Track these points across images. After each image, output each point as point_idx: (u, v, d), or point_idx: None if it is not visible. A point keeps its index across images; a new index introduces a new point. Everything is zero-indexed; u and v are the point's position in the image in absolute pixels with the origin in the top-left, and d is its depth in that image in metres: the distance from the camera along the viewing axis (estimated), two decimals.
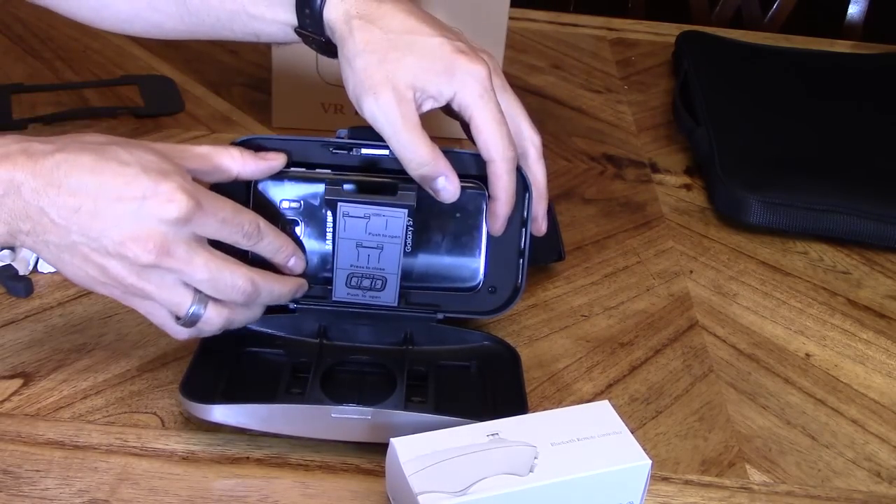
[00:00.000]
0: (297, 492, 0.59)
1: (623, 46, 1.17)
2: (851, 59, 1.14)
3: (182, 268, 0.58)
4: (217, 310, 0.61)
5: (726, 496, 0.62)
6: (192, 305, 0.59)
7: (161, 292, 0.59)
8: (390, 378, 0.64)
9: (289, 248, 0.65)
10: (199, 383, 0.61)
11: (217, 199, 0.60)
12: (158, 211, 0.57)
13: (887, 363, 0.74)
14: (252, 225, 0.61)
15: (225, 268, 0.60)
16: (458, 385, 0.65)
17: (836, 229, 0.85)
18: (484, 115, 0.63)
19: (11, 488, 0.57)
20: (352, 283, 0.66)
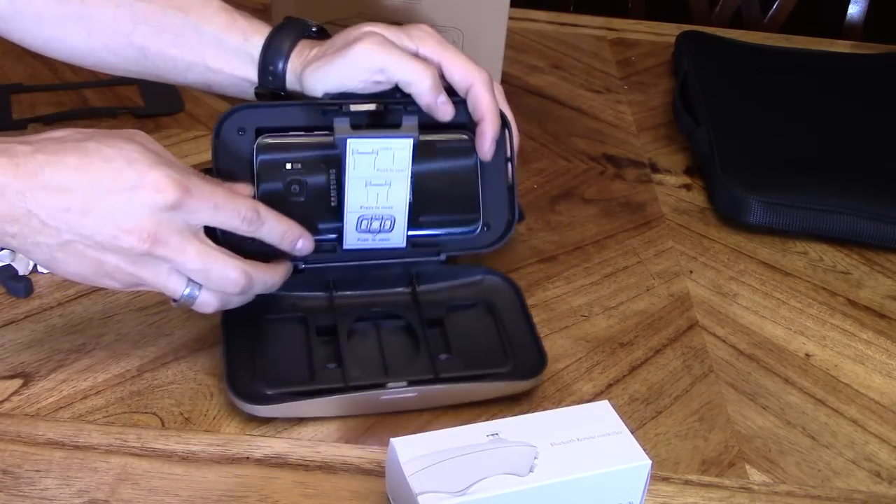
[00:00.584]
0: (297, 492, 0.59)
1: (623, 46, 1.17)
2: (851, 59, 1.14)
3: (174, 257, 0.59)
4: (210, 295, 0.62)
5: (726, 496, 0.62)
6: (185, 290, 0.61)
7: (156, 280, 0.60)
8: (409, 329, 0.67)
9: (294, 230, 0.65)
10: (242, 377, 0.63)
11: (208, 184, 0.60)
12: (148, 201, 0.57)
13: (887, 363, 0.74)
14: (250, 210, 0.61)
15: (218, 259, 0.60)
16: (473, 330, 0.68)
17: (836, 229, 0.85)
18: (450, 53, 0.69)
19: (11, 488, 0.57)
20: (362, 226, 0.67)
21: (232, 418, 0.63)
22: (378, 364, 0.65)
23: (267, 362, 0.64)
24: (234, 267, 0.61)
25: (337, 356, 0.65)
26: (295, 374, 0.64)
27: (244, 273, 0.61)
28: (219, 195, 0.60)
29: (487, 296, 0.71)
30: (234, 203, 0.61)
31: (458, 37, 0.90)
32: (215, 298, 0.62)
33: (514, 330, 0.68)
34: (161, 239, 0.58)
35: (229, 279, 0.61)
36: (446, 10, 0.89)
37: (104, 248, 0.58)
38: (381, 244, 0.68)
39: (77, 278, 0.60)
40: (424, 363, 0.65)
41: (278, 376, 0.64)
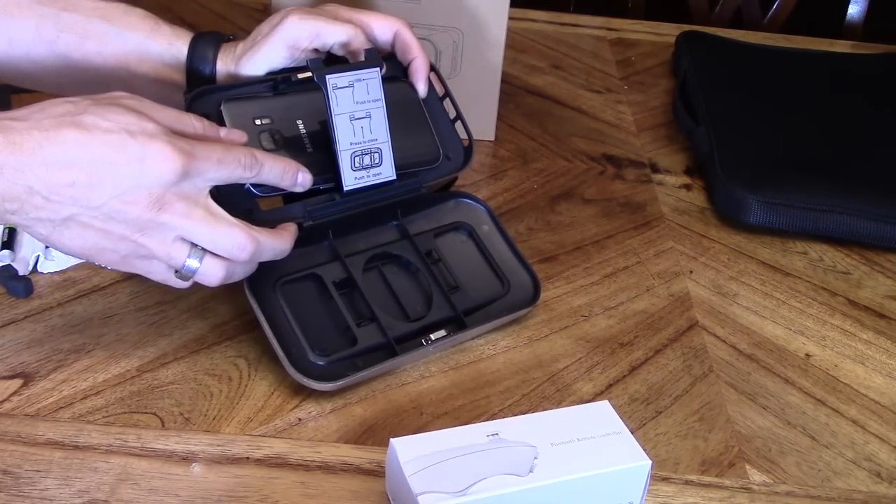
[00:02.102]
0: (297, 492, 0.59)
1: (623, 46, 1.17)
2: (851, 59, 1.14)
3: (181, 222, 0.59)
4: (215, 263, 0.61)
5: (726, 496, 0.62)
6: (187, 258, 0.60)
7: (161, 247, 0.59)
8: (410, 267, 0.71)
9: (291, 165, 0.65)
10: (296, 355, 0.64)
11: (205, 142, 0.60)
12: (155, 172, 0.57)
13: (887, 363, 0.74)
14: (248, 156, 0.61)
15: (225, 223, 0.60)
16: (464, 256, 0.74)
17: (836, 229, 0.85)
18: (365, 12, 0.73)
19: (11, 488, 0.57)
20: (356, 163, 0.68)
21: (232, 418, 0.63)
22: (400, 310, 0.69)
23: (308, 332, 0.65)
24: (242, 231, 0.60)
25: (367, 311, 0.68)
26: (338, 340, 0.66)
27: (252, 237, 0.61)
28: (218, 150, 0.60)
29: (465, 218, 0.76)
30: (233, 153, 0.61)
31: (458, 37, 0.90)
32: (220, 267, 0.61)
33: (498, 251, 0.75)
34: (168, 204, 0.58)
35: (237, 243, 0.60)
36: (446, 10, 0.89)
37: (110, 218, 0.58)
38: (376, 179, 0.70)
39: (78, 252, 0.60)
40: (441, 303, 0.70)
41: (323, 345, 0.65)
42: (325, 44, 0.70)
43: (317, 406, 0.65)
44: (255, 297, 0.65)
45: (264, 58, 0.70)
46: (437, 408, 0.65)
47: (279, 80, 0.70)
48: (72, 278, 0.72)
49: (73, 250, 0.60)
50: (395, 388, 0.66)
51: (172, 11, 1.11)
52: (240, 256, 0.61)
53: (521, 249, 0.76)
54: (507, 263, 0.74)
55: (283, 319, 0.65)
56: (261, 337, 0.66)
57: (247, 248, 0.60)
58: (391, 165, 0.70)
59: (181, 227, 0.59)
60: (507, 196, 0.88)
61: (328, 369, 0.64)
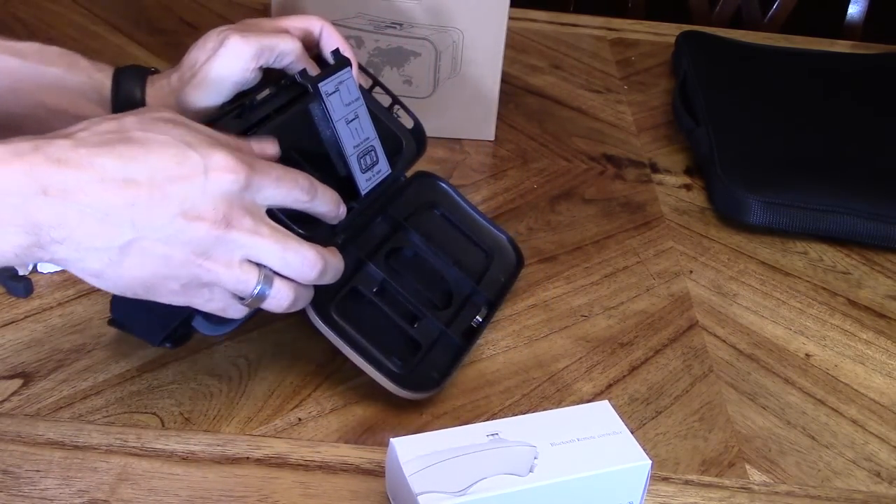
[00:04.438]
0: (297, 492, 0.59)
1: (623, 46, 1.17)
2: (851, 59, 1.14)
3: (249, 239, 0.55)
4: (285, 286, 0.57)
5: (726, 496, 0.62)
6: (259, 283, 0.56)
7: (228, 270, 0.55)
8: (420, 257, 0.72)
9: (336, 196, 0.62)
10: (388, 372, 0.64)
11: (263, 160, 0.58)
12: (219, 183, 0.53)
13: (887, 363, 0.74)
14: (306, 179, 0.58)
15: (293, 239, 0.57)
16: (445, 233, 0.76)
17: (836, 229, 0.85)
18: (283, 19, 0.70)
19: (11, 488, 0.57)
20: (362, 165, 0.68)
21: (232, 418, 0.63)
22: (430, 299, 0.70)
23: (381, 347, 0.65)
24: (310, 247, 0.57)
25: (409, 310, 0.68)
26: (404, 347, 0.67)
27: (320, 254, 0.57)
28: (277, 168, 0.57)
29: (431, 196, 0.77)
30: (292, 174, 0.58)
31: (458, 37, 0.90)
32: (289, 290, 0.57)
33: (468, 223, 0.77)
34: (235, 221, 0.54)
35: (308, 260, 0.57)
36: (446, 11, 0.89)
37: (174, 240, 0.53)
38: (379, 177, 0.69)
39: (137, 286, 0.55)
40: (460, 280, 0.72)
41: (397, 355, 0.65)
42: (268, 59, 0.66)
43: (317, 406, 0.65)
44: (329, 326, 0.63)
45: (213, 84, 0.66)
46: (436, 408, 0.65)
47: (245, 106, 0.65)
48: (72, 278, 0.72)
49: (131, 285, 0.54)
50: None
51: (172, 11, 1.11)
52: (309, 276, 0.57)
53: (523, 251, 0.76)
54: (482, 232, 0.77)
55: (356, 342, 0.64)
56: (261, 337, 0.66)
57: (317, 267, 0.57)
58: (385, 160, 0.70)
59: (250, 245, 0.55)
60: (507, 196, 0.88)
61: (413, 378, 0.65)
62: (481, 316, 0.71)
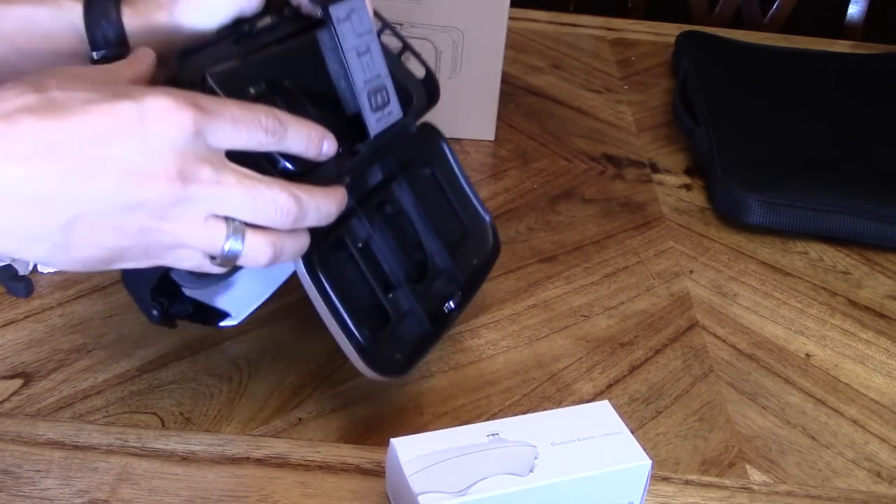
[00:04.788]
0: (297, 492, 0.59)
1: (623, 46, 1.17)
2: (851, 59, 1.14)
3: (212, 191, 0.48)
4: (259, 238, 0.50)
5: (726, 496, 0.62)
6: (227, 238, 0.49)
7: (191, 231, 0.48)
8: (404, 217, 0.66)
9: (317, 130, 0.53)
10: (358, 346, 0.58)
11: (216, 97, 0.50)
12: (164, 130, 0.46)
13: (887, 363, 0.74)
14: (270, 116, 0.50)
15: (260, 183, 0.49)
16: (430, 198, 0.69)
17: (836, 229, 0.85)
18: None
19: (11, 488, 0.57)
20: (373, 104, 0.61)
21: (232, 418, 0.63)
22: (406, 268, 0.64)
23: (355, 315, 0.58)
24: (281, 189, 0.50)
25: (385, 276, 0.62)
26: (372, 316, 0.60)
27: (292, 196, 0.50)
28: (232, 106, 0.49)
29: (426, 153, 0.70)
30: (251, 112, 0.50)
31: (458, 37, 0.90)
32: (267, 243, 0.50)
33: (455, 191, 0.71)
34: (191, 174, 0.47)
35: (279, 204, 0.50)
36: (446, 10, 0.89)
37: (123, 208, 0.46)
38: (391, 119, 0.62)
39: (93, 263, 0.49)
40: (439, 253, 0.66)
41: (366, 326, 0.58)
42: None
43: (317, 406, 0.65)
44: (309, 274, 0.56)
45: (211, 4, 0.58)
46: (437, 408, 0.65)
47: (244, 32, 0.59)
48: (72, 278, 0.72)
49: (88, 262, 0.49)
50: (395, 387, 0.66)
51: None
52: (284, 222, 0.50)
53: (523, 251, 0.75)
54: (467, 205, 0.71)
55: (331, 302, 0.57)
56: (261, 337, 0.66)
57: (290, 212, 0.50)
58: (397, 102, 0.63)
59: (213, 199, 0.48)
60: (507, 196, 0.88)
61: (378, 355, 0.59)
62: (455, 302, 0.66)
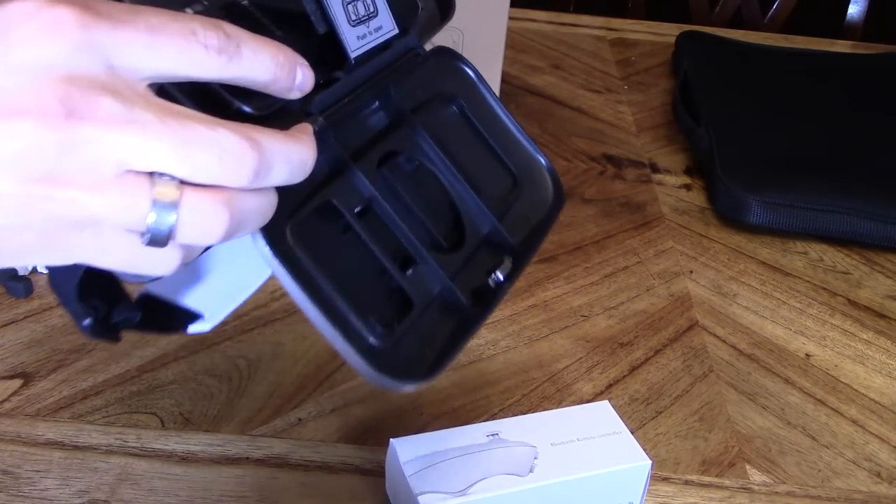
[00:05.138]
0: (297, 492, 0.59)
1: (623, 46, 1.17)
2: (851, 59, 1.14)
3: (120, 133, 0.33)
4: (204, 200, 0.34)
5: (726, 496, 0.62)
6: (153, 205, 0.33)
7: (100, 196, 0.33)
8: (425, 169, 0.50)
9: (286, 52, 0.38)
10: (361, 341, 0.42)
11: (124, 3, 0.35)
12: (32, 42, 0.32)
13: (887, 363, 0.74)
14: (213, 28, 0.35)
15: (198, 121, 0.34)
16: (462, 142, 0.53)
17: (836, 229, 0.85)
18: None
19: (11, 488, 0.57)
20: (352, 15, 0.45)
21: (232, 418, 0.63)
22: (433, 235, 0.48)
23: (356, 302, 0.42)
24: (231, 130, 0.35)
25: (402, 248, 0.46)
26: (387, 302, 0.45)
27: (247, 139, 0.35)
28: (150, 14, 0.34)
29: (450, 86, 0.54)
30: (181, 22, 0.34)
31: (458, 37, 0.90)
32: (215, 204, 0.34)
33: (496, 131, 0.55)
34: (82, 106, 0.32)
35: (228, 152, 0.34)
36: None
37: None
38: (380, 36, 0.47)
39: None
40: (479, 213, 0.50)
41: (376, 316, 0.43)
42: None
43: (317, 406, 0.65)
44: (277, 253, 0.40)
45: None
46: (437, 408, 0.65)
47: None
48: None
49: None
50: None
51: None
52: (239, 175, 0.35)
53: None
54: (514, 148, 0.55)
55: (315, 286, 0.41)
56: (262, 337, 0.66)
57: (248, 157, 0.35)
58: (388, 12, 0.48)
59: (123, 145, 0.33)
60: None
61: (397, 355, 0.43)
62: (503, 271, 0.49)
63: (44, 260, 0.35)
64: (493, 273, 0.49)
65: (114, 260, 0.35)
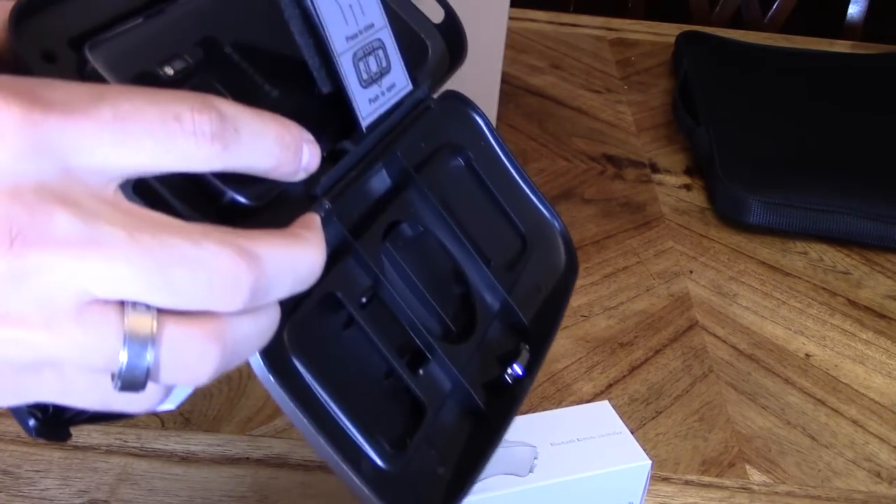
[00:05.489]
0: (297, 492, 0.59)
1: (623, 46, 1.17)
2: (851, 59, 1.14)
3: (80, 259, 0.27)
4: (189, 335, 0.29)
5: (726, 496, 0.62)
6: (126, 341, 0.28)
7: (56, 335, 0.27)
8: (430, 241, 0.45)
9: (290, 128, 0.32)
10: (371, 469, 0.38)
11: (83, 85, 0.28)
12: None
13: (887, 363, 0.74)
14: (204, 107, 0.29)
15: (180, 235, 0.28)
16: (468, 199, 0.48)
17: (836, 229, 0.85)
18: None
19: (11, 488, 0.57)
20: (362, 73, 0.40)
21: (232, 418, 0.63)
22: (441, 318, 0.43)
23: (362, 419, 0.37)
24: (221, 244, 0.28)
25: (419, 341, 0.41)
26: (397, 412, 0.40)
27: (242, 253, 0.29)
28: (118, 97, 0.28)
29: (455, 135, 0.49)
30: (159, 104, 0.28)
31: None
32: (203, 338, 0.29)
33: (505, 185, 0.50)
34: (29, 224, 0.26)
35: (217, 272, 0.28)
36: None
37: None
38: (392, 97, 0.42)
39: None
40: (491, 289, 0.45)
41: (387, 433, 0.38)
42: None
43: None
44: (276, 375, 0.35)
45: None
46: None
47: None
48: None
49: None
50: None
51: None
52: (233, 301, 0.29)
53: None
54: (523, 205, 0.50)
55: (320, 410, 0.37)
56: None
57: (242, 278, 0.28)
58: (402, 67, 0.43)
59: (84, 269, 0.27)
60: None
61: (406, 477, 0.38)
62: (522, 362, 0.45)
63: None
64: (511, 366, 0.44)
65: (80, 401, 0.30)
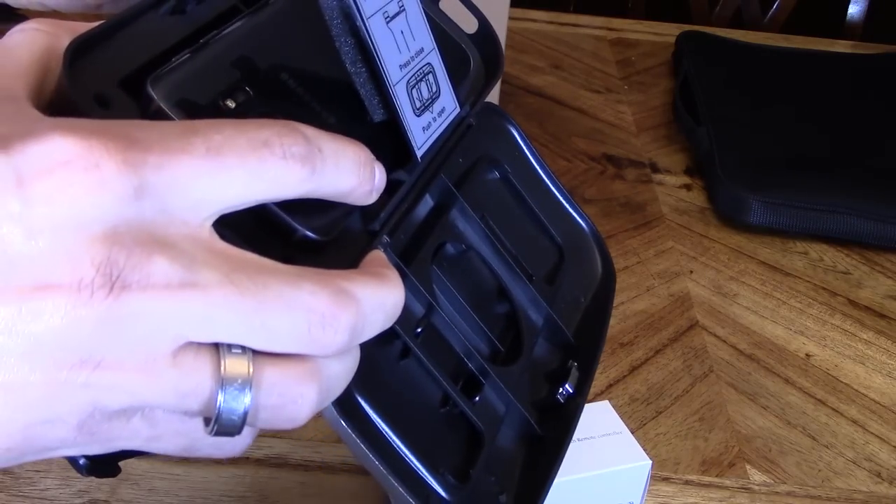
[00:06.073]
0: (296, 492, 0.59)
1: (623, 46, 1.17)
2: (851, 59, 1.14)
3: (176, 299, 0.26)
4: (287, 377, 0.28)
5: (726, 496, 0.62)
6: (222, 387, 0.27)
7: (149, 378, 0.26)
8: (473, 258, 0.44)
9: (364, 152, 0.31)
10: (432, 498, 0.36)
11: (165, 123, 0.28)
12: (63, 201, 0.25)
13: (887, 363, 0.74)
14: (291, 135, 0.28)
15: (277, 277, 0.28)
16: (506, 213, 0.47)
17: (836, 229, 0.85)
18: None
19: (11, 488, 0.57)
20: (416, 101, 0.39)
21: None
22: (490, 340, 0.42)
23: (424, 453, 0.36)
24: (319, 285, 0.28)
25: (474, 367, 0.40)
26: (456, 443, 0.39)
27: (341, 295, 0.28)
28: (209, 130, 0.28)
29: (491, 148, 0.48)
30: (247, 132, 0.28)
31: None
32: (301, 380, 0.28)
33: (541, 196, 0.50)
34: (128, 269, 0.26)
35: (317, 313, 0.28)
36: (447, 11, 0.89)
37: (8, 353, 0.25)
38: (443, 122, 0.41)
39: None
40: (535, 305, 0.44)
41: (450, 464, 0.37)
42: None
43: None
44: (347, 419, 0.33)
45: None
46: None
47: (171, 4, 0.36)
48: None
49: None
50: None
51: None
52: (333, 343, 0.28)
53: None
54: (558, 213, 0.50)
55: (388, 449, 0.35)
56: None
57: (342, 319, 0.28)
58: (449, 87, 0.41)
59: (183, 314, 0.26)
60: None
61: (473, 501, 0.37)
62: (573, 381, 0.44)
63: (81, 452, 0.29)
64: (563, 386, 0.43)
65: (168, 447, 0.29)
